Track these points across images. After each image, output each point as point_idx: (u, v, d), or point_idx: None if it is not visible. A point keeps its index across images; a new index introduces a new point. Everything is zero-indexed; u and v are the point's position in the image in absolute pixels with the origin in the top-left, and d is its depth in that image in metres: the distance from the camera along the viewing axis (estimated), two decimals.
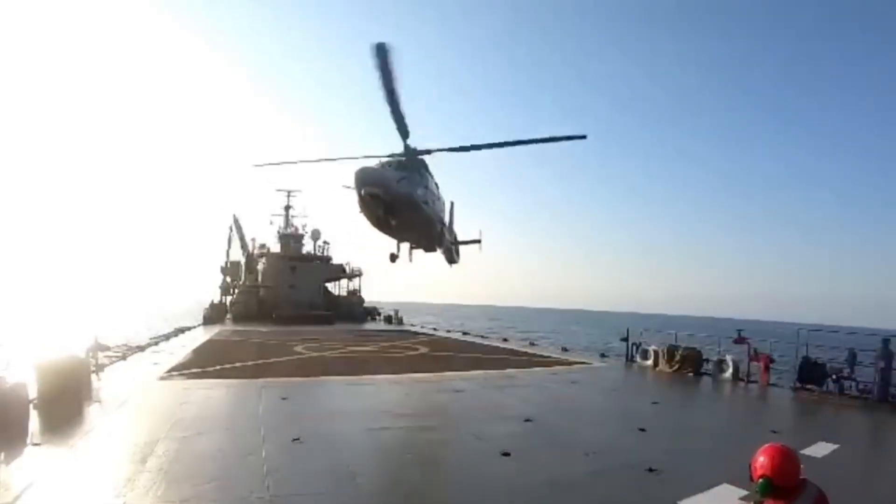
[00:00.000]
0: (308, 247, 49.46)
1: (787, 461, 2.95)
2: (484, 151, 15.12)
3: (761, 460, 2.97)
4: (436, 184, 16.94)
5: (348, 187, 13.71)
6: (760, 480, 2.94)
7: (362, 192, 13.41)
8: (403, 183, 13.97)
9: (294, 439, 8.03)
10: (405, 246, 18.74)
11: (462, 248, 24.87)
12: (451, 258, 23.88)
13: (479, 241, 24.88)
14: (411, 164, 14.82)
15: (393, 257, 17.72)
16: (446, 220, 19.99)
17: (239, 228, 53.44)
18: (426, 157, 15.72)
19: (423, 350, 22.46)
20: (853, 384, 13.21)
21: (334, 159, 15.41)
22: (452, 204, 24.63)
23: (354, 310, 47.30)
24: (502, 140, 15.14)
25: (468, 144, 15.08)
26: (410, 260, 21.15)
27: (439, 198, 17.37)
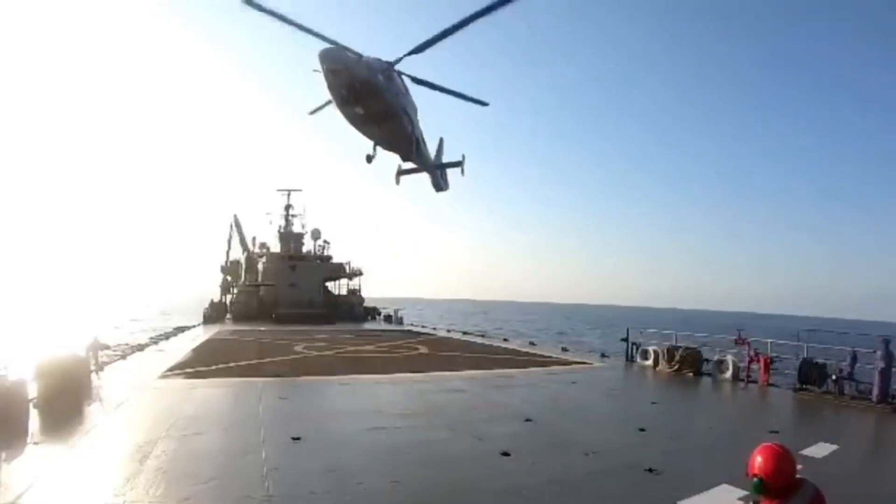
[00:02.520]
0: (308, 246, 49.49)
1: (781, 461, 2.95)
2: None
3: (757, 460, 2.99)
4: (405, 87, 17.27)
5: (317, 71, 14.13)
6: (754, 480, 2.97)
7: (325, 66, 13.86)
8: (363, 65, 14.37)
9: (294, 439, 8.05)
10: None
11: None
12: (438, 183, 23.78)
13: (461, 164, 23.58)
14: (381, 62, 15.24)
15: (369, 158, 17.70)
16: (421, 126, 19.74)
17: (239, 228, 53.47)
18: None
19: (423, 350, 22.45)
20: (853, 385, 13.20)
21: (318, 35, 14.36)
22: (441, 140, 24.62)
23: (354, 309, 47.23)
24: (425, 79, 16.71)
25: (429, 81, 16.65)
26: (397, 182, 21.39)
27: (406, 95, 17.50)
